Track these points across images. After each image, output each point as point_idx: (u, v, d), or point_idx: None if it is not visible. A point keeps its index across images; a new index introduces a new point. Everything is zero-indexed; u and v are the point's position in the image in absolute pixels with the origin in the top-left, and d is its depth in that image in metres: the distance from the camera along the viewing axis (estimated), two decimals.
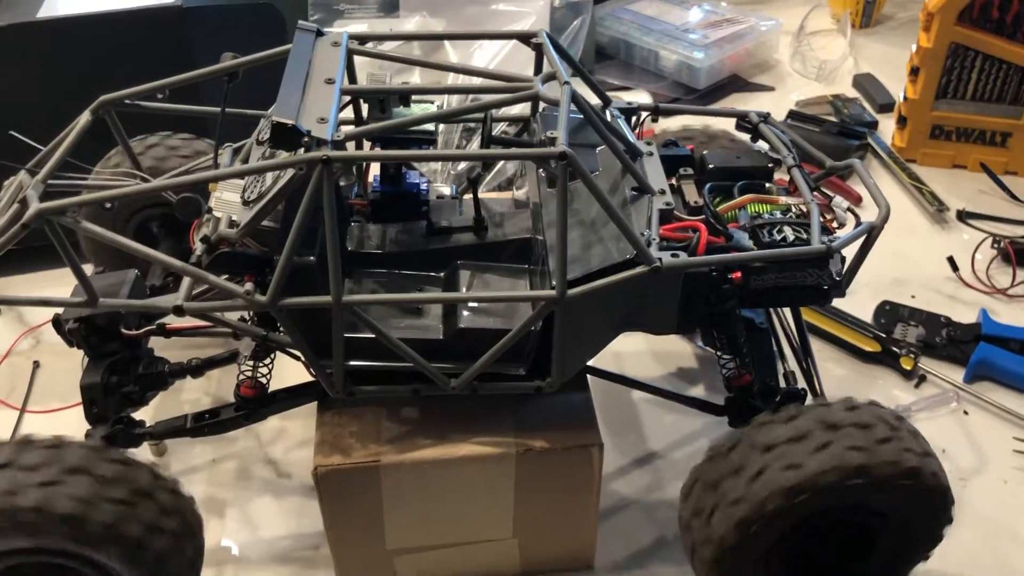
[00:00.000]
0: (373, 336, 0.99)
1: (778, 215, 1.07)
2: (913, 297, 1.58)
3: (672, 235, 1.02)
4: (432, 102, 1.11)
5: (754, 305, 1.15)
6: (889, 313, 1.53)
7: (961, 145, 1.88)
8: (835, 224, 1.10)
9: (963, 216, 1.76)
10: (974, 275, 1.62)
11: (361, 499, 1.06)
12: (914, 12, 2.34)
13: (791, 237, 1.04)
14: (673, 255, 0.97)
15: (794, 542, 1.00)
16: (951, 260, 1.62)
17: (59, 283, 1.24)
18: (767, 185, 1.13)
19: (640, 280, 0.96)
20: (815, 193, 1.10)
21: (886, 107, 2.06)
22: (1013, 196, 1.79)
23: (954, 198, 1.80)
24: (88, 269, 1.08)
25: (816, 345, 1.41)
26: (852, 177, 1.83)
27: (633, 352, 1.49)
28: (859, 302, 1.54)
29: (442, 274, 1.10)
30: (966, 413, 1.39)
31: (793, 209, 1.08)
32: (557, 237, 0.94)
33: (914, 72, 1.85)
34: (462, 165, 1.67)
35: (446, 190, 1.23)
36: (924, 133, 1.88)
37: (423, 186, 1.14)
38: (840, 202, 1.11)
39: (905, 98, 1.88)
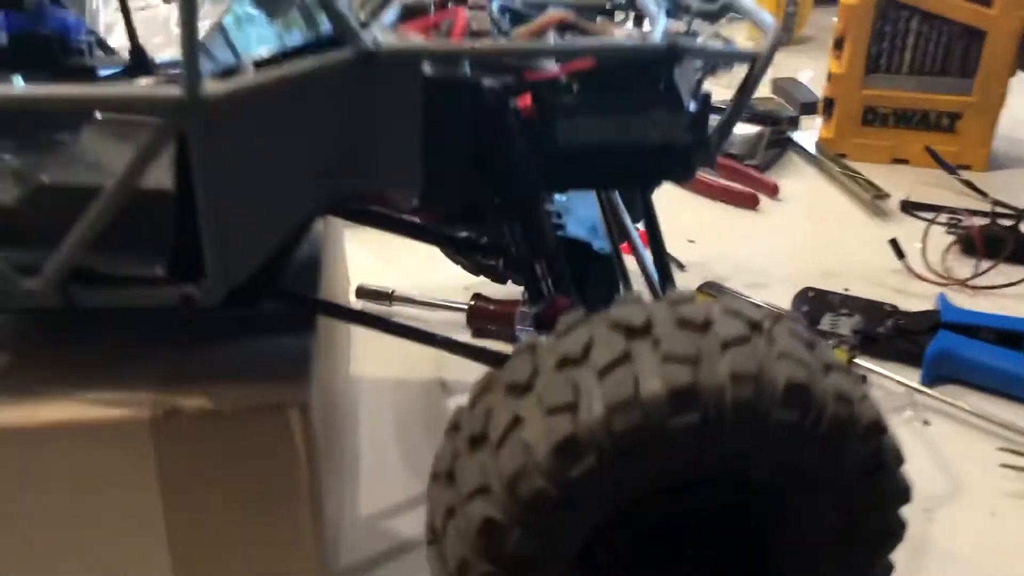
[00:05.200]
0: None
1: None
2: (847, 290, 1.17)
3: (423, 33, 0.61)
4: None
5: (570, 185, 0.73)
6: (813, 300, 1.11)
7: (900, 132, 1.51)
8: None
9: (909, 207, 1.38)
10: (925, 265, 1.22)
11: None
12: None
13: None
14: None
15: (625, 554, 0.55)
16: (894, 243, 1.22)
17: None
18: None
19: (342, 78, 0.54)
20: None
21: (809, 107, 1.70)
22: (971, 186, 1.41)
23: (897, 191, 1.42)
24: None
25: None
26: (769, 169, 1.49)
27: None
28: (774, 296, 1.13)
29: None
30: (927, 423, 0.96)
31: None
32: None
33: (838, 45, 1.50)
34: None
35: None
36: (855, 119, 1.52)
37: None
38: None
39: (830, 77, 1.53)
